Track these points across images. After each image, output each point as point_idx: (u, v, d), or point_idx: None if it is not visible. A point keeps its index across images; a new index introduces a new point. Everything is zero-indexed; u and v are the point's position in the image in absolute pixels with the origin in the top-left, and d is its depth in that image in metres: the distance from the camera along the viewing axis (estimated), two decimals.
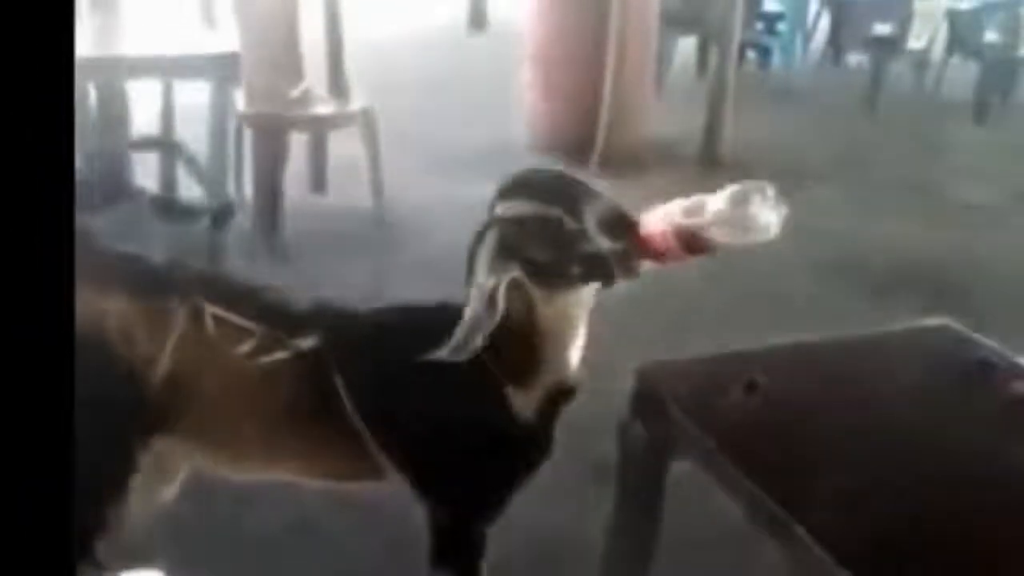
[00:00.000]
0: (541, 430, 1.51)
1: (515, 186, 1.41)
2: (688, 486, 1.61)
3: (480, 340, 1.33)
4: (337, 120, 4.11)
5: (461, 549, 1.57)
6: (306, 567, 2.09)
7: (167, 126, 4.07)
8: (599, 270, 1.37)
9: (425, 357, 1.33)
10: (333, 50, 4.12)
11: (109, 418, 1.43)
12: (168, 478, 1.70)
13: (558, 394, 1.49)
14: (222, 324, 1.49)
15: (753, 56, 7.78)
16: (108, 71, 3.52)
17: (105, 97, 3.83)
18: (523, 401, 1.47)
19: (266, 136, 3.83)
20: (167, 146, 4.04)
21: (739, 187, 1.35)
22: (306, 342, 1.49)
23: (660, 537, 1.71)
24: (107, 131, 3.85)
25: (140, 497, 1.57)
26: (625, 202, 1.42)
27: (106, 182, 3.68)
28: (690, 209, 1.36)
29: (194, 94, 3.65)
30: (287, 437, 1.54)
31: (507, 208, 1.39)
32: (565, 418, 1.53)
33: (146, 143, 4.08)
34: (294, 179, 4.04)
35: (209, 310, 1.48)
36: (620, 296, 1.44)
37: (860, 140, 5.97)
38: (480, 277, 1.36)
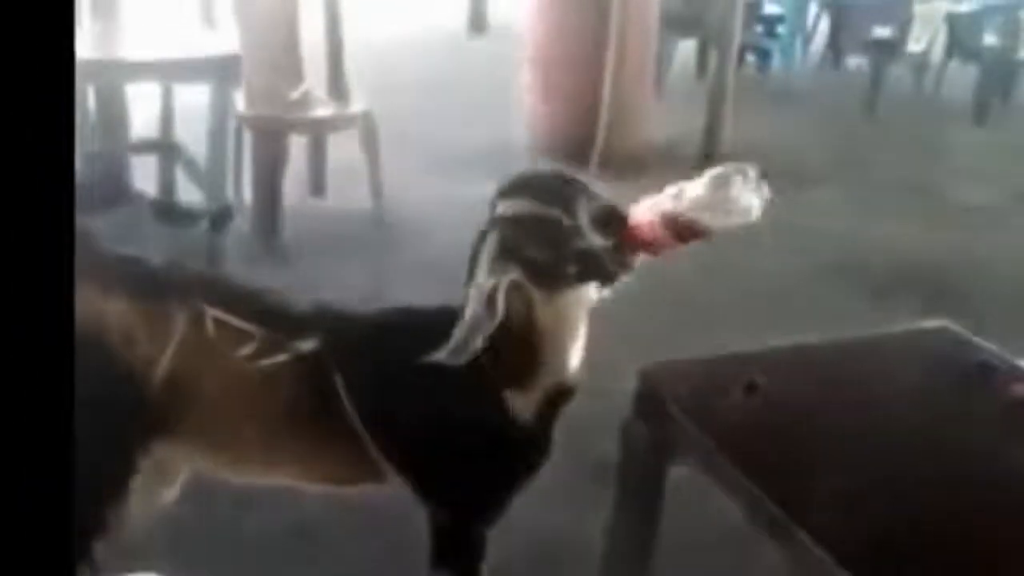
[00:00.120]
0: (540, 432, 1.51)
1: (515, 186, 1.42)
2: (688, 487, 1.61)
3: (480, 342, 1.33)
4: (337, 122, 4.11)
5: (461, 551, 1.57)
6: (306, 569, 2.09)
7: (166, 129, 4.07)
8: (593, 267, 1.37)
9: (424, 359, 1.33)
10: (333, 52, 4.12)
11: (109, 420, 1.43)
12: (168, 480, 1.70)
13: (557, 395, 1.49)
14: (222, 327, 1.49)
15: (753, 59, 7.78)
16: (108, 74, 3.52)
17: (105, 100, 3.83)
18: (522, 403, 1.47)
19: (266, 138, 3.83)
20: (166, 148, 4.04)
21: (720, 170, 1.36)
22: (306, 344, 1.49)
23: (659, 538, 1.71)
24: (106, 134, 3.86)
25: (140, 499, 1.57)
26: (625, 203, 1.42)
27: (105, 185, 3.69)
28: (675, 196, 1.37)
29: (194, 95, 3.65)
30: (287, 440, 1.54)
31: (507, 208, 1.39)
32: (564, 419, 1.53)
33: (145, 145, 4.08)
34: (294, 181, 4.04)
35: (209, 313, 1.48)
36: (620, 296, 1.45)
37: (860, 142, 5.97)
38: (480, 278, 1.36)
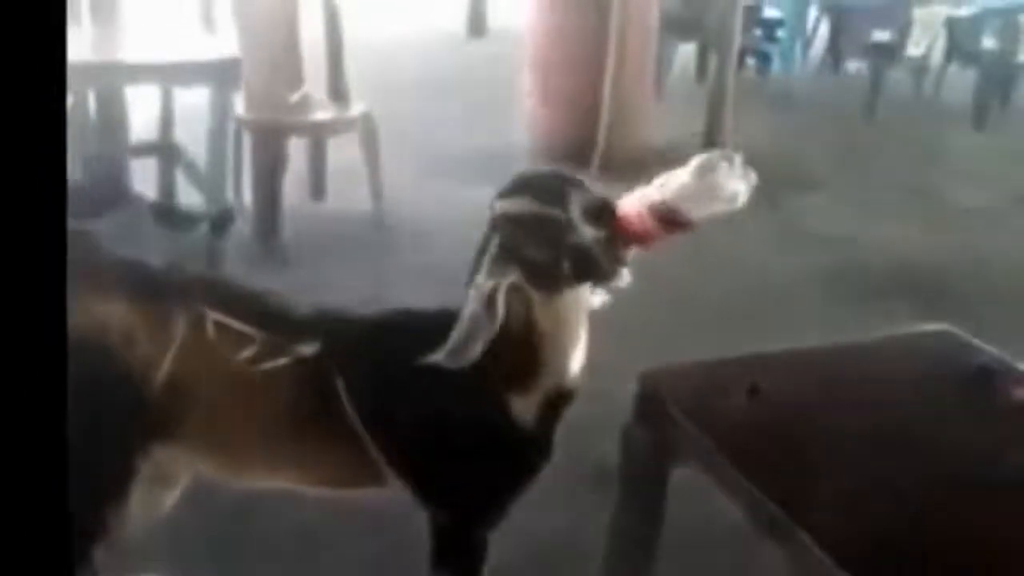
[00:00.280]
0: (541, 435, 1.51)
1: (513, 186, 1.42)
2: (689, 489, 1.61)
3: (480, 346, 1.33)
4: (337, 125, 4.11)
5: (462, 553, 1.57)
6: (306, 571, 2.09)
7: (166, 131, 4.07)
8: (588, 263, 1.37)
9: (423, 360, 1.33)
10: (333, 55, 4.12)
11: (110, 423, 1.43)
12: (168, 483, 1.70)
13: (558, 398, 1.49)
14: (223, 330, 1.48)
15: (753, 62, 7.79)
16: (108, 76, 3.52)
17: (105, 102, 3.82)
18: (523, 406, 1.47)
19: (265, 141, 3.83)
20: (166, 151, 4.04)
21: (706, 157, 1.37)
22: (307, 348, 1.48)
23: (661, 540, 1.71)
24: (106, 136, 3.85)
25: (140, 502, 1.57)
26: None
27: (105, 187, 3.68)
28: (661, 185, 1.38)
29: (193, 97, 3.65)
30: (288, 443, 1.54)
31: (505, 207, 1.39)
32: (564, 421, 1.53)
33: (145, 148, 4.08)
34: (294, 184, 4.04)
35: (210, 316, 1.48)
36: (620, 298, 1.45)
37: (859, 146, 5.97)
38: (479, 279, 1.36)
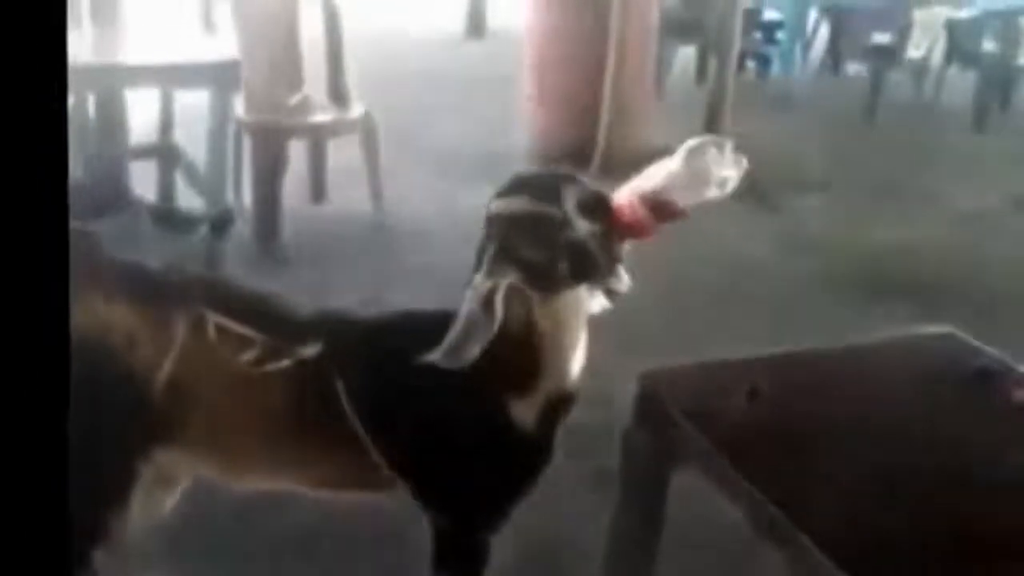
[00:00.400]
0: (541, 437, 1.51)
1: (511, 186, 1.42)
2: (689, 491, 1.60)
3: (478, 347, 1.33)
4: (337, 127, 4.11)
5: (463, 556, 1.57)
6: (306, 573, 2.09)
7: (166, 133, 4.07)
8: (584, 259, 1.37)
9: (420, 360, 1.33)
10: (333, 56, 4.12)
11: (111, 426, 1.43)
12: (169, 486, 1.70)
13: (558, 402, 1.49)
14: (224, 332, 1.48)
15: (752, 65, 7.79)
16: (108, 78, 3.52)
17: (104, 104, 3.83)
18: (523, 409, 1.47)
19: (265, 143, 3.83)
20: (166, 153, 4.04)
21: (695, 142, 1.37)
22: (308, 350, 1.48)
23: (661, 543, 1.71)
24: (106, 138, 3.85)
25: (141, 505, 1.57)
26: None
27: (105, 189, 3.68)
28: (652, 174, 1.37)
29: (194, 98, 3.65)
30: (289, 445, 1.54)
31: (503, 207, 1.39)
32: (565, 422, 1.53)
33: (145, 150, 4.08)
34: (293, 185, 4.04)
35: (211, 318, 1.48)
36: (620, 300, 1.45)
37: (859, 148, 5.97)
38: (477, 279, 1.36)
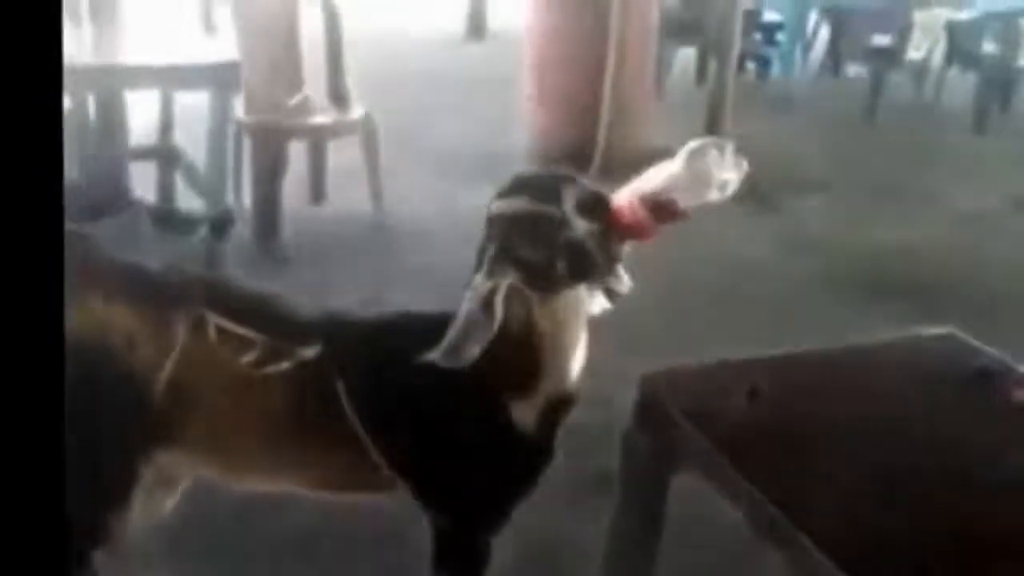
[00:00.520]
0: (542, 439, 1.50)
1: (510, 187, 1.42)
2: (689, 492, 1.60)
3: (477, 347, 1.33)
4: (337, 128, 4.11)
5: (463, 557, 1.56)
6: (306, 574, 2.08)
7: (166, 134, 4.06)
8: (582, 259, 1.36)
9: (421, 360, 1.33)
10: (333, 57, 4.12)
11: (112, 427, 1.43)
12: (170, 487, 1.70)
13: (559, 403, 1.49)
14: (224, 333, 1.48)
15: (752, 66, 7.79)
16: (108, 80, 3.52)
17: (104, 106, 3.82)
18: (523, 410, 1.46)
19: (265, 144, 3.83)
20: (166, 154, 4.04)
21: (696, 144, 1.37)
22: (309, 351, 1.48)
23: (662, 545, 1.70)
24: (106, 140, 3.85)
25: (141, 506, 1.57)
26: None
27: (105, 191, 3.67)
28: (653, 176, 1.37)
29: (194, 99, 3.64)
30: (289, 446, 1.53)
31: (502, 207, 1.39)
32: (566, 424, 1.52)
33: (145, 152, 4.08)
34: (293, 186, 4.04)
35: (211, 319, 1.48)
36: (620, 301, 1.44)
37: (859, 149, 5.97)
38: (477, 279, 1.36)
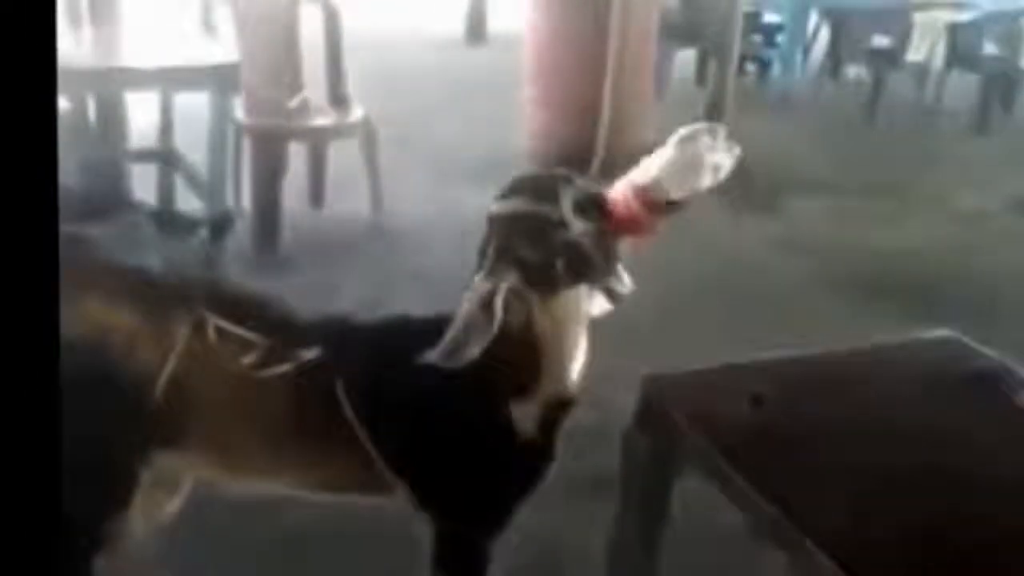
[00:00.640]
0: (542, 442, 1.50)
1: (509, 188, 1.42)
2: (690, 493, 1.60)
3: (476, 349, 1.33)
4: (336, 130, 4.11)
5: (463, 559, 1.56)
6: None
7: (166, 136, 4.06)
8: (579, 258, 1.36)
9: (420, 362, 1.33)
10: (332, 59, 4.12)
11: (112, 430, 1.43)
12: (171, 490, 1.70)
13: (559, 405, 1.49)
14: (224, 335, 1.48)
15: (752, 68, 7.78)
16: (107, 82, 3.52)
17: (104, 107, 3.82)
18: (524, 413, 1.46)
19: (265, 146, 3.83)
20: (166, 156, 4.03)
21: (688, 130, 1.36)
22: (308, 353, 1.48)
23: (664, 547, 1.70)
24: (105, 142, 3.85)
25: (142, 508, 1.57)
26: None
27: (104, 193, 3.67)
28: (646, 166, 1.37)
29: (193, 100, 3.64)
30: (289, 448, 1.54)
31: (501, 208, 1.39)
32: (566, 426, 1.52)
33: (145, 154, 4.08)
34: (293, 189, 4.04)
35: (211, 321, 1.48)
36: (621, 303, 1.44)
37: (860, 150, 5.97)
38: (476, 280, 1.36)
